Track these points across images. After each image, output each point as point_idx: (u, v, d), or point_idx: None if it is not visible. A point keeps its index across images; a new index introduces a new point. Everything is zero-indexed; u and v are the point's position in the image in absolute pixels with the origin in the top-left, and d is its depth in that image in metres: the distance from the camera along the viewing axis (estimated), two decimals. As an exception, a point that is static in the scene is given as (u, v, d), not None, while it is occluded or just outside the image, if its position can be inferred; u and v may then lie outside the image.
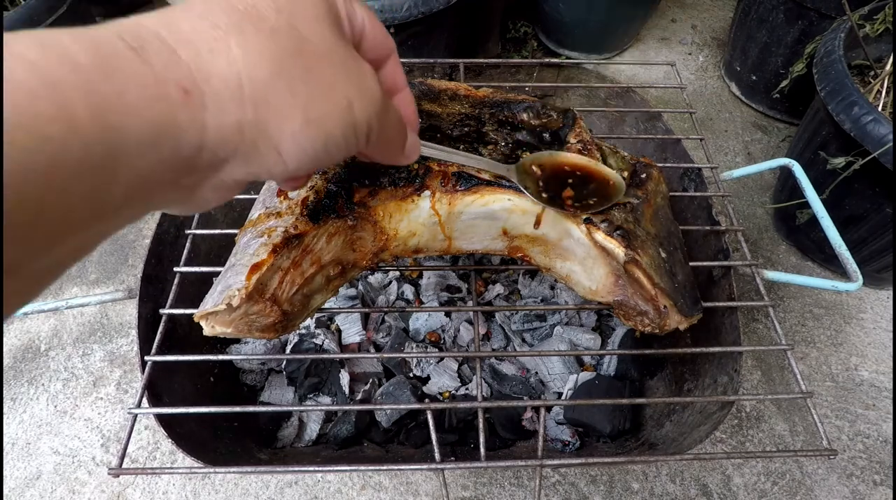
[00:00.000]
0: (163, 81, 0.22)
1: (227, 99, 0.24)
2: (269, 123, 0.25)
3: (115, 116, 0.20)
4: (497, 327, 1.08)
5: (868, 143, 0.96)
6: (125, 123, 0.20)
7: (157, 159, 0.22)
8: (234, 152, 0.25)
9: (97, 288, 1.26)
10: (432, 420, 0.60)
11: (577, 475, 1.01)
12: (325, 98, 0.27)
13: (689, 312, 0.61)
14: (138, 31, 0.22)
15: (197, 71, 0.23)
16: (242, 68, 0.24)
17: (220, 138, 0.24)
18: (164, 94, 0.22)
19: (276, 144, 0.26)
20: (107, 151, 0.20)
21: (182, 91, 0.22)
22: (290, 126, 0.26)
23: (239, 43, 0.24)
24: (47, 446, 1.04)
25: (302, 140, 0.27)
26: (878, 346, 1.19)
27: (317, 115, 0.27)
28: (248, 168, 0.27)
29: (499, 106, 0.69)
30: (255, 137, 0.25)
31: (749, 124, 1.60)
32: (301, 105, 0.26)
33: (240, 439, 0.90)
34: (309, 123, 0.27)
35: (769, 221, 1.39)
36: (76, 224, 0.21)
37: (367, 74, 0.30)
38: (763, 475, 1.02)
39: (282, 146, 0.26)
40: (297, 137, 0.27)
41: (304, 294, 0.58)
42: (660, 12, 1.89)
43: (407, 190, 0.60)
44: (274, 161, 0.27)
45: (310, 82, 0.27)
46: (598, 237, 0.58)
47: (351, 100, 0.28)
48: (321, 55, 0.27)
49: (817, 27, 1.34)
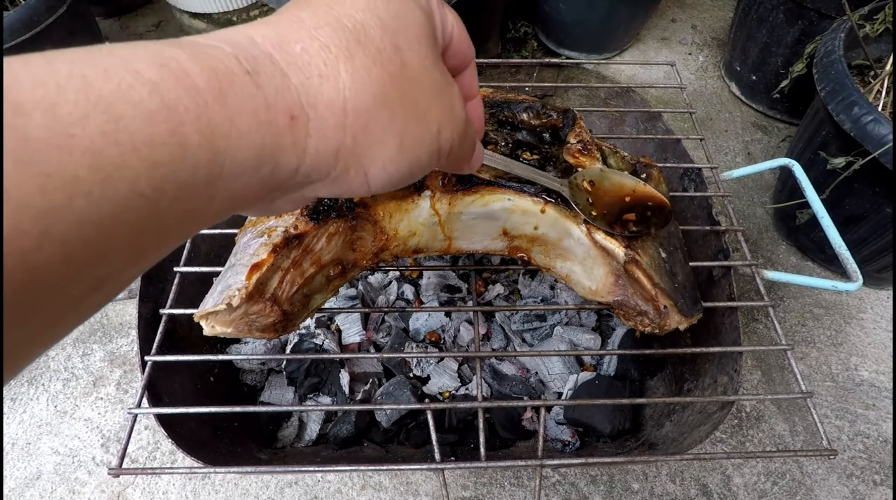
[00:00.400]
0: (273, 107, 0.22)
1: (330, 126, 0.24)
2: (365, 150, 0.25)
3: (223, 141, 0.20)
4: (497, 327, 1.08)
5: (868, 143, 0.96)
6: (232, 146, 0.20)
7: (254, 180, 0.22)
8: (327, 175, 0.25)
9: (97, 288, 1.26)
10: (432, 420, 0.60)
11: (577, 475, 1.01)
12: (420, 124, 0.27)
13: (689, 312, 0.61)
14: (252, 52, 0.22)
15: (305, 96, 0.23)
16: (348, 95, 0.24)
17: (317, 163, 0.24)
18: (273, 119, 0.22)
19: (367, 170, 0.26)
20: (210, 173, 0.20)
21: (289, 117, 0.22)
22: (384, 153, 0.26)
23: (347, 70, 0.24)
24: (47, 446, 1.04)
25: (390, 166, 0.27)
26: (878, 346, 1.19)
27: (410, 142, 0.27)
28: (333, 189, 0.27)
29: (499, 106, 0.69)
30: (348, 162, 0.25)
31: (749, 124, 1.60)
32: (398, 132, 0.26)
33: (240, 439, 0.90)
34: (402, 150, 0.27)
35: (769, 221, 1.39)
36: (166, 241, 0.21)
37: (455, 97, 0.30)
38: (763, 475, 1.02)
39: (370, 171, 0.26)
40: (387, 164, 0.27)
41: (304, 294, 0.58)
42: (660, 12, 1.89)
43: (407, 190, 0.60)
44: (359, 184, 0.27)
45: (408, 109, 0.27)
46: (598, 237, 0.58)
47: (441, 125, 0.29)
48: (420, 79, 0.27)
49: (817, 27, 1.34)
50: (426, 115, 0.28)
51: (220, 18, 1.68)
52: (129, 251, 0.19)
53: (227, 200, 0.22)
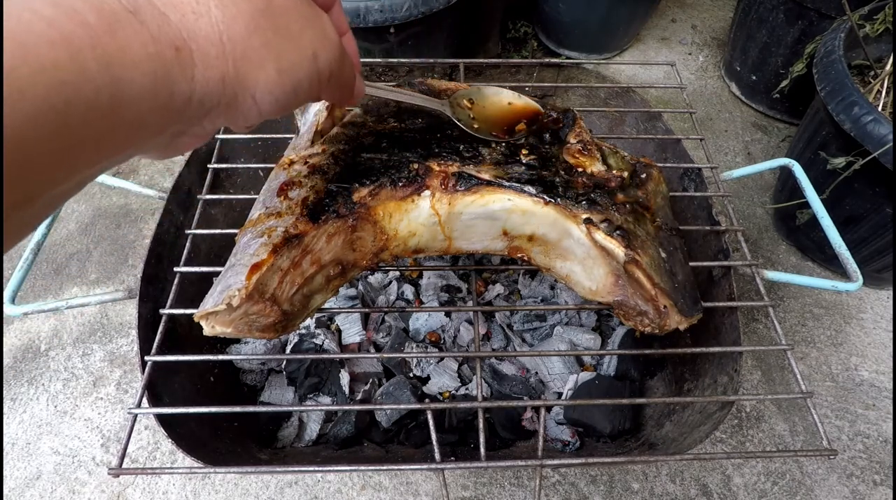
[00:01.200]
0: (158, 40, 0.25)
1: (212, 56, 0.27)
2: (247, 75, 0.29)
3: (119, 69, 0.23)
4: (497, 327, 1.07)
5: (868, 143, 0.96)
6: (128, 74, 0.23)
7: (154, 107, 0.25)
8: (218, 102, 0.29)
9: (97, 288, 1.26)
10: (432, 420, 0.60)
11: (577, 475, 1.01)
12: (294, 49, 0.31)
13: (689, 312, 0.61)
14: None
15: (185, 31, 0.26)
16: (223, 28, 0.28)
17: (206, 90, 0.28)
18: (160, 51, 0.25)
19: (252, 93, 0.30)
20: (112, 97, 0.23)
21: (174, 49, 0.26)
22: (265, 76, 0.30)
23: (217, 4, 0.28)
24: (47, 446, 1.04)
25: (274, 88, 0.31)
26: (878, 346, 1.19)
27: (288, 65, 0.31)
28: (229, 115, 0.30)
29: (499, 106, 0.69)
30: (235, 88, 0.29)
31: (749, 124, 1.60)
32: (274, 57, 0.30)
33: (240, 439, 0.90)
34: (281, 72, 0.31)
35: (769, 221, 1.39)
36: (85, 160, 0.24)
37: (327, 24, 0.34)
38: (763, 475, 1.02)
39: (257, 95, 0.30)
40: (270, 86, 0.30)
41: (304, 294, 0.58)
42: (660, 12, 1.89)
43: (407, 190, 0.60)
44: (249, 107, 0.31)
45: (280, 36, 0.30)
46: (598, 237, 0.58)
47: (316, 49, 0.32)
48: (288, 10, 0.31)
49: (817, 27, 1.34)
50: (300, 40, 0.32)
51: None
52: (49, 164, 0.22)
53: (135, 125, 0.25)
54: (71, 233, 1.35)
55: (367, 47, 1.30)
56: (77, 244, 1.34)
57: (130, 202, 1.41)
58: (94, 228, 1.37)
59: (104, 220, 1.38)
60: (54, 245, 1.33)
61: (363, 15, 1.17)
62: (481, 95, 0.68)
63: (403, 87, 0.68)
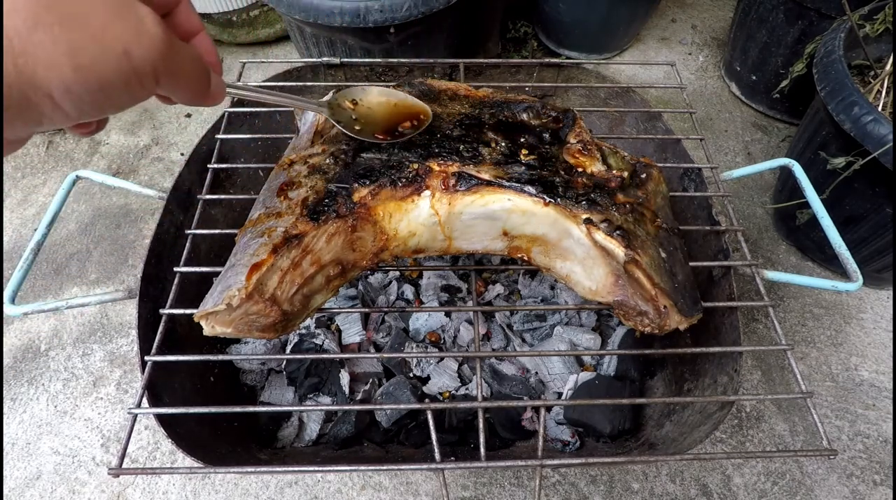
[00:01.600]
0: None
1: None
2: (35, 74, 0.26)
3: None
4: (497, 327, 1.07)
5: (868, 143, 0.96)
6: None
7: None
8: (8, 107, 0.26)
9: (97, 288, 1.26)
10: (432, 420, 0.60)
11: (577, 475, 1.01)
12: (96, 44, 0.28)
13: (689, 312, 0.61)
14: None
15: None
16: None
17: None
18: None
19: (48, 93, 0.27)
20: None
21: None
22: (59, 74, 0.27)
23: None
24: (47, 446, 1.04)
25: (75, 87, 0.28)
26: (878, 346, 1.19)
27: (87, 61, 0.28)
28: (26, 119, 0.28)
29: (499, 106, 0.69)
30: (23, 88, 0.26)
31: (749, 124, 1.60)
32: (66, 53, 0.27)
33: (240, 439, 0.90)
34: (78, 69, 0.28)
35: (769, 221, 1.39)
36: None
37: (144, 17, 0.30)
38: (763, 475, 1.02)
39: (55, 94, 0.27)
40: (68, 85, 0.28)
41: (304, 294, 0.58)
42: (660, 12, 1.89)
43: (407, 190, 0.60)
44: (51, 109, 0.28)
45: (73, 30, 0.27)
46: (597, 237, 0.58)
47: (127, 45, 0.29)
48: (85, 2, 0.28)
49: (817, 27, 1.34)
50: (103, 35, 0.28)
51: (219, 18, 1.68)
52: None
53: None
54: (71, 233, 1.35)
55: (367, 47, 1.30)
56: (77, 244, 1.34)
57: (130, 202, 1.41)
58: (94, 228, 1.37)
59: (104, 220, 1.38)
60: (54, 245, 1.33)
61: (363, 15, 1.17)
62: (366, 95, 0.66)
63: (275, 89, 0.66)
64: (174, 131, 1.57)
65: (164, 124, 1.59)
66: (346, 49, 1.32)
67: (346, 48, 1.31)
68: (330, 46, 1.33)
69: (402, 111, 0.65)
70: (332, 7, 1.17)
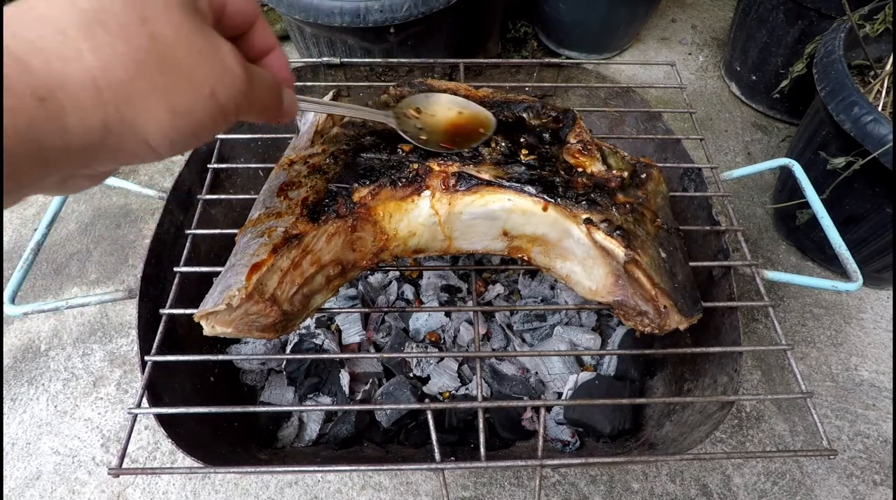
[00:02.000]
0: (17, 93, 0.23)
1: (87, 104, 0.25)
2: (134, 120, 0.27)
3: None
4: (497, 327, 1.07)
5: (868, 143, 0.96)
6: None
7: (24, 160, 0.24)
8: (103, 148, 0.27)
9: (97, 288, 1.26)
10: (432, 420, 0.60)
11: (577, 475, 1.01)
12: (188, 89, 0.29)
13: (689, 312, 0.61)
14: None
15: (49, 79, 0.24)
16: (98, 73, 0.25)
17: (86, 139, 0.26)
18: (20, 104, 0.23)
19: (145, 138, 0.28)
20: None
21: (37, 100, 0.24)
22: (156, 120, 0.28)
23: (90, 48, 0.25)
24: (47, 446, 1.04)
25: (169, 132, 0.29)
26: (878, 346, 1.19)
27: (182, 106, 0.29)
28: (119, 161, 0.29)
29: (499, 106, 0.69)
30: (123, 133, 0.27)
31: (749, 124, 1.60)
32: (164, 99, 0.28)
33: (240, 439, 0.90)
34: (176, 115, 0.28)
35: (769, 221, 1.39)
36: None
37: (225, 56, 0.31)
38: (763, 475, 1.02)
39: (150, 139, 0.28)
40: (164, 130, 0.28)
41: (304, 294, 0.58)
42: (660, 12, 1.89)
43: (407, 190, 0.60)
44: (144, 152, 0.29)
45: (169, 76, 0.28)
46: (598, 237, 0.58)
47: (213, 86, 0.30)
48: (177, 47, 0.28)
49: (817, 27, 1.34)
50: (194, 78, 0.29)
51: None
52: None
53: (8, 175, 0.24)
54: (71, 233, 1.35)
55: (367, 47, 1.30)
56: (77, 244, 1.34)
57: (130, 202, 1.41)
58: (94, 228, 1.37)
59: (104, 220, 1.38)
60: (54, 245, 1.33)
61: (363, 15, 1.17)
62: (429, 104, 0.65)
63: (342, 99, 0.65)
64: (174, 131, 1.57)
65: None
66: (346, 49, 1.32)
67: (346, 48, 1.31)
68: (330, 46, 1.33)
69: (466, 119, 0.65)
70: (332, 7, 1.17)
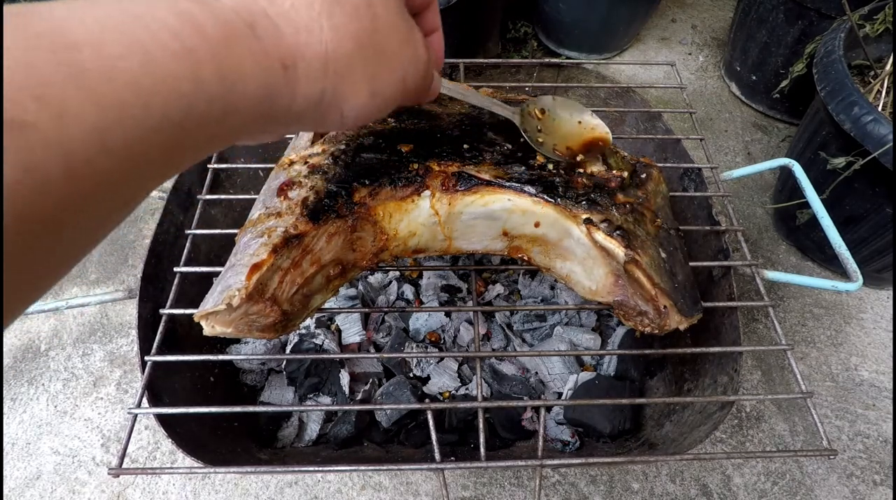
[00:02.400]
0: (269, 56, 0.26)
1: (315, 74, 0.28)
2: (343, 94, 0.30)
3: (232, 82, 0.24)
4: (497, 327, 1.07)
5: (868, 143, 0.96)
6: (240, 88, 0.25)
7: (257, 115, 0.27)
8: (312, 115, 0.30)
9: (97, 288, 1.26)
10: (432, 420, 0.60)
11: (577, 475, 1.01)
12: (389, 72, 0.32)
13: (689, 312, 0.61)
14: (250, 7, 0.26)
15: (296, 47, 0.27)
16: (331, 47, 0.28)
17: (305, 104, 0.29)
18: (271, 66, 0.26)
19: (342, 110, 0.31)
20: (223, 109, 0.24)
21: (283, 66, 0.27)
22: (357, 97, 0.31)
23: (330, 25, 0.28)
24: (47, 446, 1.04)
25: (363, 109, 0.32)
26: (878, 346, 1.19)
27: (381, 87, 0.32)
28: (314, 125, 0.32)
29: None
30: (331, 104, 0.30)
31: (749, 124, 1.60)
32: (369, 79, 0.31)
33: (240, 439, 0.90)
34: (374, 95, 0.32)
35: (769, 221, 1.39)
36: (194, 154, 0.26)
37: (419, 43, 0.34)
38: (763, 475, 1.02)
39: (346, 111, 0.32)
40: (360, 106, 0.32)
41: (304, 294, 0.58)
42: (660, 12, 1.89)
43: (407, 190, 0.60)
44: (334, 120, 0.32)
45: (380, 58, 0.31)
46: (598, 237, 0.58)
47: (406, 72, 0.33)
48: (389, 30, 0.32)
49: (817, 27, 1.34)
50: (394, 62, 0.32)
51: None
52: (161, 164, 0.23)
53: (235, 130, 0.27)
54: (71, 233, 1.35)
55: (367, 47, 1.30)
56: (77, 244, 1.33)
57: (130, 202, 1.41)
58: (94, 228, 1.36)
59: (104, 220, 1.38)
60: (54, 245, 1.33)
61: (363, 15, 1.17)
62: (554, 107, 0.65)
63: None
64: (174, 131, 1.57)
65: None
66: (346, 49, 1.31)
67: (346, 48, 1.31)
68: (330, 46, 1.32)
69: (584, 131, 0.65)
70: (332, 7, 1.17)
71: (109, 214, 0.22)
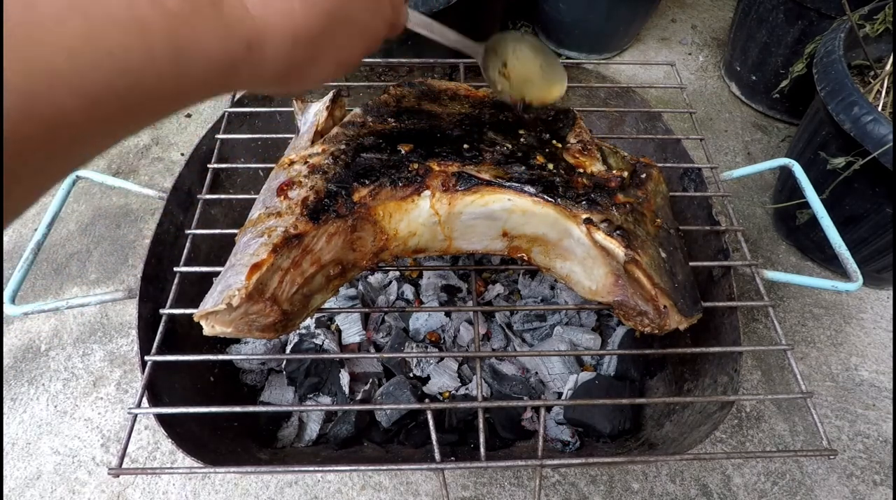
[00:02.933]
0: (232, 36, 0.25)
1: (282, 53, 0.28)
2: (309, 68, 0.31)
3: (187, 60, 0.23)
4: (497, 327, 1.07)
5: (868, 143, 0.96)
6: (195, 66, 0.24)
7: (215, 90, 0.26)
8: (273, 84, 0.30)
9: (97, 288, 1.26)
10: (432, 420, 0.60)
11: (577, 475, 1.01)
12: (359, 40, 0.33)
13: (689, 312, 0.61)
14: None
15: (263, 26, 0.27)
16: (300, 22, 0.28)
17: (269, 79, 0.29)
18: (231, 47, 0.25)
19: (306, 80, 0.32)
20: (175, 86, 0.24)
21: (247, 46, 0.26)
22: (325, 69, 0.32)
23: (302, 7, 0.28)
24: (47, 446, 1.04)
25: (327, 77, 0.33)
26: (878, 346, 1.19)
27: (347, 58, 0.33)
28: (277, 90, 0.32)
29: (499, 106, 0.69)
30: (294, 76, 0.30)
31: (749, 124, 1.60)
32: (337, 50, 0.32)
33: (240, 439, 0.90)
34: (339, 66, 0.32)
35: (769, 221, 1.39)
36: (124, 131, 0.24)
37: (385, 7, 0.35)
38: (763, 475, 1.02)
39: (308, 84, 0.32)
40: (325, 75, 0.32)
41: (304, 294, 0.58)
42: (660, 12, 1.89)
43: (407, 190, 0.60)
44: (297, 86, 0.32)
45: (350, 30, 0.32)
46: (598, 237, 0.58)
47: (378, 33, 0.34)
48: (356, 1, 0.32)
49: (817, 27, 1.34)
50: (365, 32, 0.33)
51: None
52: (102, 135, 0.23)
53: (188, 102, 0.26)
54: (71, 233, 1.35)
55: (367, 47, 1.30)
56: (77, 244, 1.34)
57: (130, 202, 1.41)
58: (94, 228, 1.37)
59: (104, 220, 1.38)
60: (54, 245, 1.33)
61: (363, 15, 1.17)
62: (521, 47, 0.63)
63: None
64: (174, 131, 1.57)
65: (163, 124, 1.59)
66: (346, 49, 1.31)
67: (346, 48, 1.31)
68: (330, 46, 1.32)
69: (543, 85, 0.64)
70: (332, 7, 1.17)
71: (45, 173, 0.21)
